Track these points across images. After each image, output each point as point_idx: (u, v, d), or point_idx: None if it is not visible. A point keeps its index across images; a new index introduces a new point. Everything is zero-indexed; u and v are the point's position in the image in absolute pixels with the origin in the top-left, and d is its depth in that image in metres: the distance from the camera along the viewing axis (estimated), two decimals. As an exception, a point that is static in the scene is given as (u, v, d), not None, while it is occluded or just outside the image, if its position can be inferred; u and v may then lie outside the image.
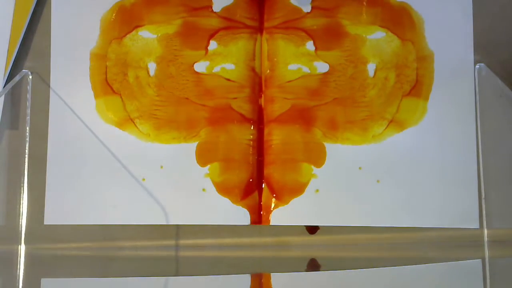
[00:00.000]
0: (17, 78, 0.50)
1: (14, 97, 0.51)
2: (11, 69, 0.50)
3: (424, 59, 0.51)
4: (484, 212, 0.50)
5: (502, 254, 0.51)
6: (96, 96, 0.51)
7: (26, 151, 0.50)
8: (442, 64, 0.51)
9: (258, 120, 0.51)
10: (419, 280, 0.48)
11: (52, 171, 0.50)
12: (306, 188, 0.50)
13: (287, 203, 0.50)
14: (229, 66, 0.51)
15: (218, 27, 0.51)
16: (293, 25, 0.51)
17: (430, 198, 0.50)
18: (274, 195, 0.50)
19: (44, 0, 0.51)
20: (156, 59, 0.51)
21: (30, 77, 0.51)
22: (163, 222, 0.50)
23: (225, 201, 0.50)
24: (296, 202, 0.50)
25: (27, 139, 0.50)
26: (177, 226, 0.50)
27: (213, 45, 0.51)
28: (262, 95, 0.51)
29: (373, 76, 0.51)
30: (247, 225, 0.50)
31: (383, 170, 0.50)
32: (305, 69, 0.51)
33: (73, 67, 0.51)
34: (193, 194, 0.50)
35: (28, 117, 0.51)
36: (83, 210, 0.50)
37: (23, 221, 0.50)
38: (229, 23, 0.51)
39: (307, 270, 0.51)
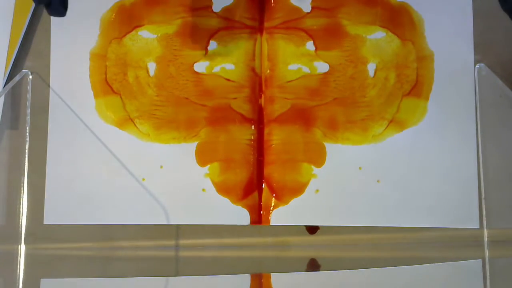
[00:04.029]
0: (17, 78, 0.50)
1: (14, 97, 0.51)
2: (11, 69, 0.50)
3: (424, 59, 0.51)
4: (484, 212, 0.50)
5: (502, 254, 0.51)
6: (96, 96, 0.51)
7: (26, 151, 0.50)
8: (442, 64, 0.51)
9: (258, 120, 0.51)
10: (419, 280, 0.48)
11: (52, 171, 0.50)
12: (306, 188, 0.50)
13: (287, 203, 0.50)
14: (229, 66, 0.51)
15: (218, 27, 0.51)
16: (293, 25, 0.51)
17: (430, 198, 0.50)
18: (274, 195, 0.50)
19: (44, 0, 0.51)
20: (156, 59, 0.51)
21: (30, 77, 0.51)
22: (163, 222, 0.50)
23: (225, 201, 0.50)
24: (296, 202, 0.50)
25: (27, 139, 0.50)
26: (177, 226, 0.50)
27: (213, 45, 0.51)
28: (262, 95, 0.51)
29: (373, 76, 0.51)
30: (247, 225, 0.50)
31: (383, 170, 0.50)
32: (305, 69, 0.51)
33: (73, 67, 0.51)
34: (193, 194, 0.50)
35: (28, 117, 0.51)
36: (83, 210, 0.50)
37: (23, 221, 0.50)
38: (229, 23, 0.51)
39: (307, 270, 0.51)
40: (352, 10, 0.51)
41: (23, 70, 0.51)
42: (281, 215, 0.50)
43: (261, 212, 0.50)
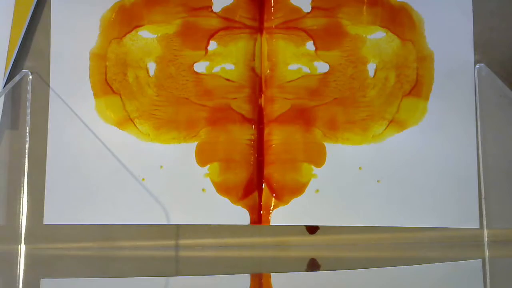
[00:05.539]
0: (17, 78, 0.50)
1: (14, 97, 0.51)
2: (11, 69, 0.50)
3: (424, 59, 0.51)
4: (484, 212, 0.50)
5: (502, 254, 0.51)
6: (95, 96, 0.51)
7: (26, 151, 0.50)
8: (442, 64, 0.51)
9: (258, 120, 0.51)
10: (419, 280, 0.48)
11: (52, 171, 0.50)
12: (306, 188, 0.50)
13: (287, 203, 0.50)
14: (229, 66, 0.51)
15: (218, 27, 0.51)
16: (293, 25, 0.51)
17: (430, 198, 0.50)
18: (274, 195, 0.50)
19: (44, 0, 0.51)
20: (156, 59, 0.51)
21: (30, 77, 0.51)
22: (163, 222, 0.50)
23: (225, 201, 0.50)
24: (296, 202, 0.50)
25: (27, 139, 0.50)
26: (177, 226, 0.50)
27: (213, 45, 0.51)
28: (262, 95, 0.51)
29: (373, 76, 0.51)
30: (247, 225, 0.50)
31: (383, 170, 0.50)
32: (305, 69, 0.51)
33: (73, 67, 0.51)
34: (193, 194, 0.50)
35: (28, 117, 0.51)
36: (83, 210, 0.50)
37: (23, 221, 0.50)
38: (229, 23, 0.51)
39: (307, 270, 0.51)
40: (352, 10, 0.51)
41: (23, 70, 0.51)
42: (281, 215, 0.50)
43: (261, 212, 0.50)
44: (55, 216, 0.50)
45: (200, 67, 0.51)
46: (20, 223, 0.50)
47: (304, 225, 0.50)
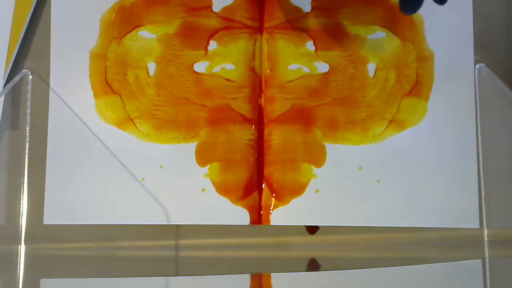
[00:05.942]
0: (17, 78, 0.50)
1: (14, 97, 0.51)
2: (11, 69, 0.50)
3: (424, 59, 0.51)
4: (484, 212, 0.50)
5: (502, 254, 0.51)
6: (95, 96, 0.51)
7: (26, 151, 0.50)
8: (442, 64, 0.51)
9: (258, 120, 0.51)
10: (419, 280, 0.48)
11: (52, 171, 0.50)
12: (306, 188, 0.50)
13: (287, 203, 0.50)
14: (229, 66, 0.51)
15: (218, 27, 0.51)
16: (293, 25, 0.51)
17: (430, 198, 0.50)
18: (274, 195, 0.50)
19: (44, 0, 0.51)
20: (156, 59, 0.51)
21: (30, 77, 0.51)
22: (163, 222, 0.50)
23: (225, 201, 0.50)
24: (296, 202, 0.50)
25: (27, 139, 0.50)
26: (177, 226, 0.50)
27: (213, 45, 0.51)
28: (262, 95, 0.51)
29: (373, 76, 0.51)
30: (247, 225, 0.50)
31: (383, 170, 0.50)
32: (305, 69, 0.51)
33: (73, 67, 0.51)
34: (193, 194, 0.50)
35: (28, 117, 0.51)
36: (83, 210, 0.50)
37: (23, 221, 0.50)
38: (229, 23, 0.51)
39: (307, 270, 0.51)
40: (352, 10, 0.51)
41: (23, 70, 0.51)
42: (281, 215, 0.50)
43: (261, 212, 0.50)
44: (55, 216, 0.50)
45: (200, 67, 0.51)
46: (20, 223, 0.50)
47: (304, 225, 0.50)
